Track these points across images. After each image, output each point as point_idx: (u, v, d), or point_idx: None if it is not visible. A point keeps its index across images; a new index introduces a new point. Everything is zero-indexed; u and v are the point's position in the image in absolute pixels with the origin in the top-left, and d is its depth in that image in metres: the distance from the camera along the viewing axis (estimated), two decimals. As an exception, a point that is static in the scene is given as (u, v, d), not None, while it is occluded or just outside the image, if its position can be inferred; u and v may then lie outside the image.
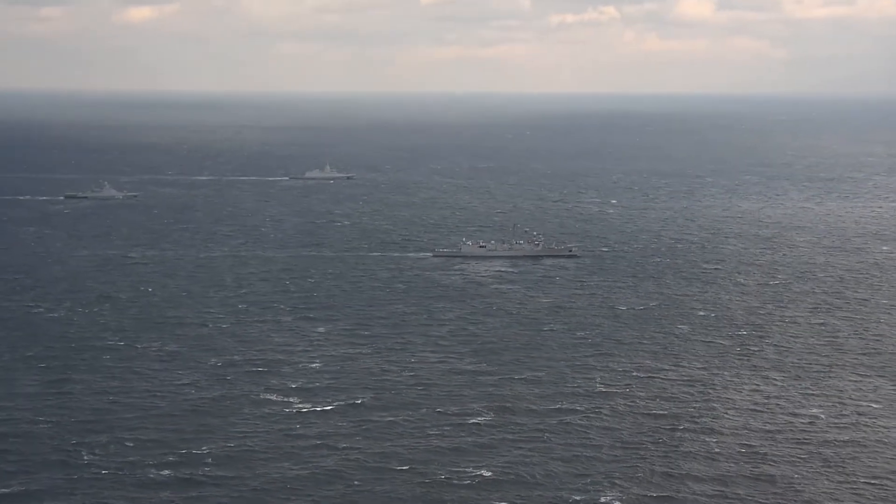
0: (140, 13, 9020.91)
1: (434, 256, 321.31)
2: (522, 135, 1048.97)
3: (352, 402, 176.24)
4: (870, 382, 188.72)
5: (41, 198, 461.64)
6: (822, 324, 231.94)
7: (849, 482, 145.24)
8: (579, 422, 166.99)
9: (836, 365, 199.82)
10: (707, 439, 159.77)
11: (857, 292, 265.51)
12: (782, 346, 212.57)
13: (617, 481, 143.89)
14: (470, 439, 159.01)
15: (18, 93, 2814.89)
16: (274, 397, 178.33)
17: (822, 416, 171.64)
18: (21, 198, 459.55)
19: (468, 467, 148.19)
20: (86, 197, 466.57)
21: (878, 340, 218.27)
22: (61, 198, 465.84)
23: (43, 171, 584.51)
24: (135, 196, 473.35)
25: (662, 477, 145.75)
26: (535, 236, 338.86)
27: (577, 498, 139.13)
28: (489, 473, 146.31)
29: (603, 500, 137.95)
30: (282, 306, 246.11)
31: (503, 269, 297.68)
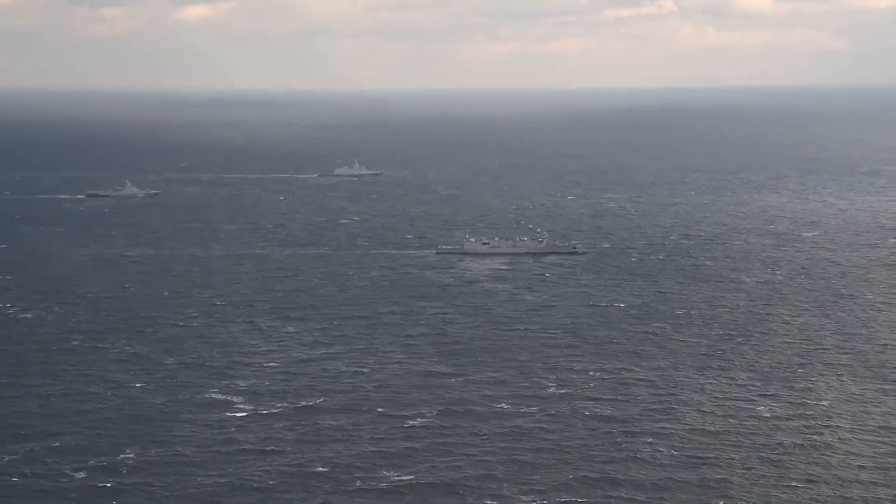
0: (197, 11, 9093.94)
1: (437, 254, 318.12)
2: (567, 131, 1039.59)
3: (297, 405, 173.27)
4: (842, 385, 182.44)
5: (62, 196, 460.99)
6: (806, 323, 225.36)
7: (783, 485, 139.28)
8: (523, 425, 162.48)
9: (810, 366, 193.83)
10: (653, 442, 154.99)
11: (853, 290, 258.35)
12: (759, 346, 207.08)
13: (537, 486, 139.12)
14: (404, 443, 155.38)
15: (79, 93, 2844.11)
16: (221, 398, 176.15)
17: (775, 416, 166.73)
18: (42, 196, 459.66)
19: (391, 472, 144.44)
20: (107, 195, 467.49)
21: (861, 341, 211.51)
22: (82, 196, 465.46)
23: (90, 169, 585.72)
24: (156, 194, 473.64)
25: (590, 483, 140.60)
26: (538, 233, 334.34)
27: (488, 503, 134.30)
28: (410, 478, 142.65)
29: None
30: (261, 306, 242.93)
31: (500, 267, 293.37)
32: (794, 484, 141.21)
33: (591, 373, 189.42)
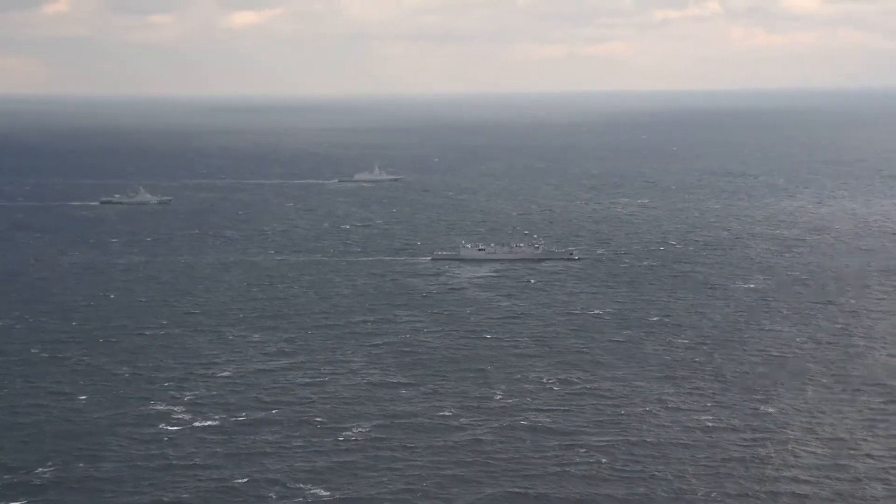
0: (244, 18, 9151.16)
1: (433, 260, 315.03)
2: (601, 134, 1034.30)
3: (239, 417, 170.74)
4: (800, 395, 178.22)
5: (75, 203, 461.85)
6: (783, 332, 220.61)
7: (709, 499, 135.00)
8: (460, 437, 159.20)
9: (774, 376, 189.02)
10: (590, 455, 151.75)
11: (841, 298, 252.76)
12: (728, 355, 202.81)
13: (455, 503, 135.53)
14: (333, 458, 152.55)
15: (127, 100, 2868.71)
16: (164, 409, 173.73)
17: (723, 427, 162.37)
18: (53, 203, 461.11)
19: (310, 486, 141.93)
20: (120, 202, 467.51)
21: (833, 350, 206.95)
22: (96, 203, 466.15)
23: (113, 175, 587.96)
24: (168, 200, 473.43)
25: (512, 499, 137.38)
26: (535, 239, 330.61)
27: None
28: (327, 493, 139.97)
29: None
30: (235, 315, 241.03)
31: (489, 274, 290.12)
32: (720, 499, 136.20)
33: (547, 383, 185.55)
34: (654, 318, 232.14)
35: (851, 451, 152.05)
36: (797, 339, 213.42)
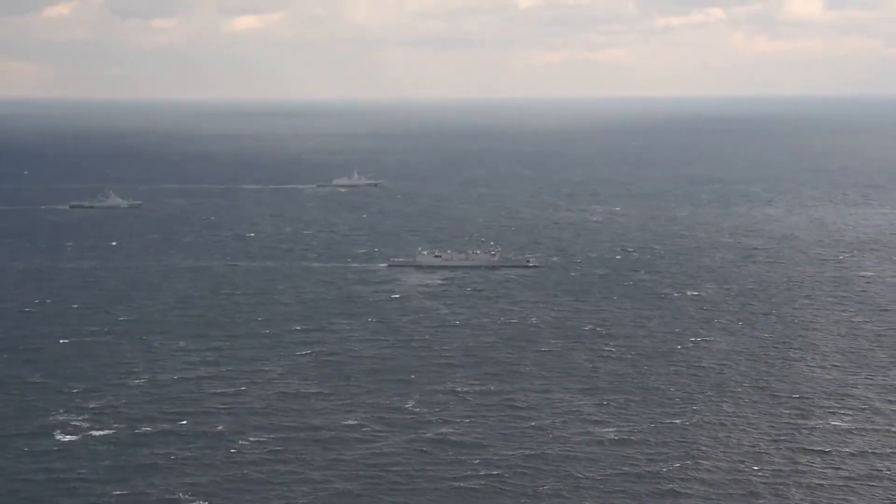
0: (245, 22, 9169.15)
1: (389, 266, 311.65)
2: (593, 141, 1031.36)
3: (137, 429, 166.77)
4: (712, 413, 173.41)
5: (45, 206, 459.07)
6: (715, 343, 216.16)
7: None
8: (354, 451, 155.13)
9: (693, 388, 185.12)
10: (479, 468, 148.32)
11: (785, 309, 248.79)
12: (649, 367, 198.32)
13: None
14: (217, 472, 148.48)
15: (133, 103, 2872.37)
16: (63, 419, 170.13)
17: (618, 441, 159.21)
18: (25, 207, 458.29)
19: (190, 499, 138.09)
20: (91, 206, 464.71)
21: (762, 363, 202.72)
22: (66, 207, 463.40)
23: (94, 179, 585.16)
24: (139, 205, 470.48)
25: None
26: (491, 246, 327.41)
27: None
28: (200, 500, 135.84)
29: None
30: (168, 322, 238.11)
31: (439, 282, 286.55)
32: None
33: (462, 394, 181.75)
34: (588, 328, 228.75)
35: (751, 466, 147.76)
36: (730, 351, 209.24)
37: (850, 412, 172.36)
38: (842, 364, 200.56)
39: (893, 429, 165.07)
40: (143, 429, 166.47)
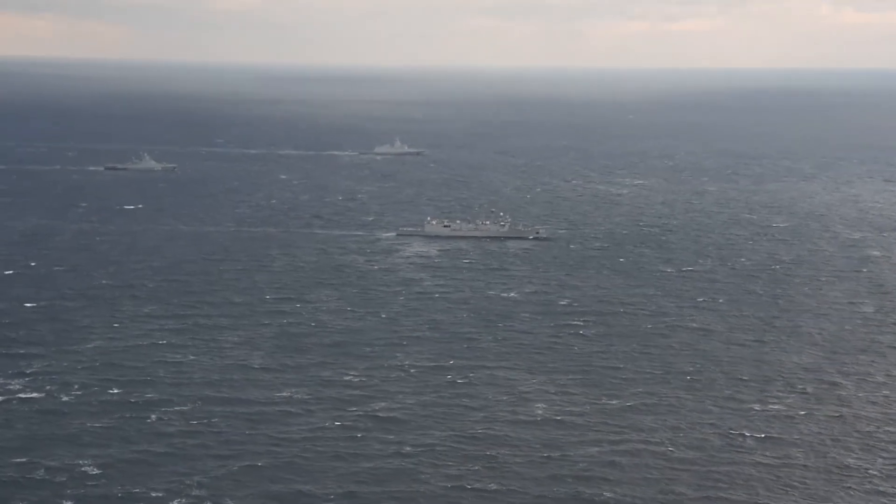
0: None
1: (397, 235, 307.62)
2: (653, 112, 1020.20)
3: (63, 395, 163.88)
4: (651, 398, 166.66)
5: (80, 168, 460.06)
6: (695, 325, 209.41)
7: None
8: (275, 430, 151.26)
9: (643, 373, 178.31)
10: (410, 447, 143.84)
11: (788, 291, 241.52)
12: (611, 346, 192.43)
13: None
14: (136, 447, 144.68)
15: (214, 66, 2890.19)
16: (1, 381, 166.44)
17: (542, 421, 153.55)
18: (57, 168, 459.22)
19: (90, 471, 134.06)
20: (125, 168, 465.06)
21: (737, 350, 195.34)
22: (101, 168, 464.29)
23: (136, 141, 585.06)
24: (173, 168, 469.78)
25: (281, 497, 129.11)
26: (500, 217, 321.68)
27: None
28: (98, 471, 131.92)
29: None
30: (146, 287, 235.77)
31: (437, 252, 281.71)
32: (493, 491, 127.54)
33: (408, 369, 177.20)
34: (563, 303, 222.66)
35: (669, 449, 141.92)
36: (702, 331, 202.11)
37: (800, 397, 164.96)
38: (817, 348, 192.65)
39: (838, 416, 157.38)
40: (72, 395, 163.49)
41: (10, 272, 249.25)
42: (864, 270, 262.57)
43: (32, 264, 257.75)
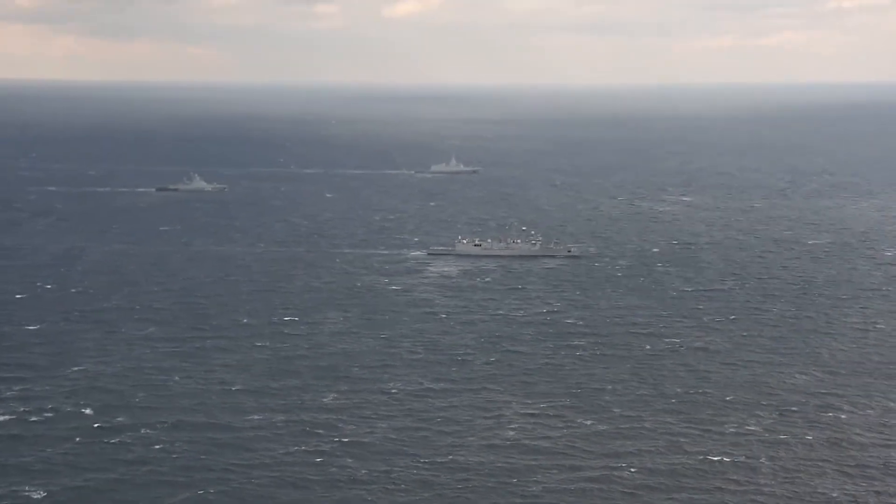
0: (406, 7, 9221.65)
1: (428, 255, 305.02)
2: (729, 129, 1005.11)
3: (30, 419, 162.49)
4: (618, 420, 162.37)
5: (131, 190, 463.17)
6: (699, 346, 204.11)
7: None
8: (241, 457, 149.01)
9: (626, 396, 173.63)
10: (371, 466, 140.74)
11: (807, 313, 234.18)
12: (602, 369, 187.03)
13: None
14: (73, 475, 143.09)
15: (295, 87, 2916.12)
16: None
17: (513, 444, 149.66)
18: (108, 190, 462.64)
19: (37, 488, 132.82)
20: (176, 189, 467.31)
21: (730, 372, 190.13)
22: (152, 190, 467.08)
23: (192, 163, 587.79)
24: (223, 189, 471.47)
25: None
26: (532, 235, 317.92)
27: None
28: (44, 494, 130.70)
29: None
30: (156, 308, 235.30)
31: (461, 272, 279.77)
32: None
33: (391, 394, 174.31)
34: (569, 322, 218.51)
35: (628, 476, 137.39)
36: (708, 354, 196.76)
37: (782, 420, 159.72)
38: (818, 369, 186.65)
39: (822, 440, 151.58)
40: (42, 418, 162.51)
41: (24, 295, 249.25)
42: (890, 289, 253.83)
43: (49, 286, 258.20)
